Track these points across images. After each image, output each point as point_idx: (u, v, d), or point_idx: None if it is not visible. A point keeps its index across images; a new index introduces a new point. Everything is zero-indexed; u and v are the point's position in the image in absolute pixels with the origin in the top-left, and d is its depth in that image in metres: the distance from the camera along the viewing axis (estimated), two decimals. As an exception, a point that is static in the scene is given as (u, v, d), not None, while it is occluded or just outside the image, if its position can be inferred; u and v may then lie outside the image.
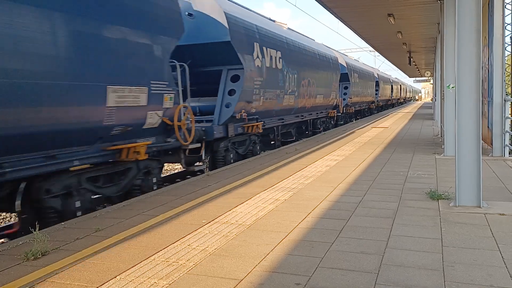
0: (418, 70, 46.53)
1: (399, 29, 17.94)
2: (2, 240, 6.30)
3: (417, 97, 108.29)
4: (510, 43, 10.17)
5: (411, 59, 28.95)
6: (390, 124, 21.02)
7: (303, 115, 16.79)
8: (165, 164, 11.47)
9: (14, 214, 6.60)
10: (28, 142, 5.35)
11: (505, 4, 9.15)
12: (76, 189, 6.21)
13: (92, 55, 5.93)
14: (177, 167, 13.99)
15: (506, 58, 9.48)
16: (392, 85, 49.59)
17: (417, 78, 60.07)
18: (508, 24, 9.69)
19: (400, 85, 61.03)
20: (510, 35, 10.13)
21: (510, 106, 9.38)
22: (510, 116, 9.23)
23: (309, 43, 17.67)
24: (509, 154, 9.21)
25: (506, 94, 9.38)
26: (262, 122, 12.38)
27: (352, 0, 12.69)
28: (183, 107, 8.36)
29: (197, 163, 9.57)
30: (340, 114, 22.94)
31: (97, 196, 6.72)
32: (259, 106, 12.02)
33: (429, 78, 43.64)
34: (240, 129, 11.24)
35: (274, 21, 15.46)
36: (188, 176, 10.17)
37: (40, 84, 5.18)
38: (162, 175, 8.73)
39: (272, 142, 14.54)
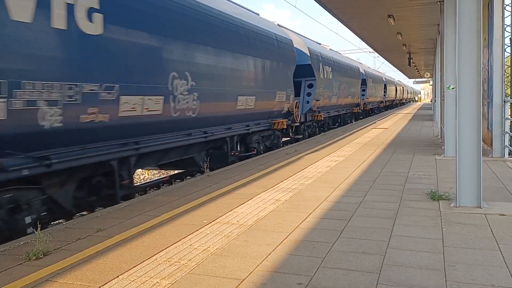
0: (418, 71, 46.58)
1: (399, 30, 17.96)
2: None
3: (416, 98, 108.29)
4: (509, 45, 10.20)
5: (411, 60, 28.98)
6: (389, 125, 21.03)
7: (339, 110, 24.04)
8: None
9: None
10: (253, 116, 12.04)
11: (505, 5, 9.18)
12: (259, 140, 12.61)
13: (273, 78, 12.96)
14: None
15: (505, 59, 9.50)
16: (396, 87, 55.39)
17: (417, 79, 60.15)
18: (508, 25, 9.72)
19: (403, 87, 67.87)
20: (510, 36, 10.16)
21: (509, 107, 9.40)
22: (509, 117, 9.25)
23: (344, 58, 25.92)
24: (509, 155, 9.22)
25: (506, 95, 9.40)
26: (323, 114, 19.50)
27: (352, 1, 12.71)
28: (296, 102, 15.22)
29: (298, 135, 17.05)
30: (360, 111, 30.01)
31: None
32: (321, 103, 18.73)
33: (429, 79, 43.68)
34: (310, 117, 18.08)
35: (320, 43, 22.80)
36: (188, 177, 10.29)
37: (271, 92, 12.94)
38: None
39: (321, 128, 21.38)
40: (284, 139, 16.22)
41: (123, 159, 7.12)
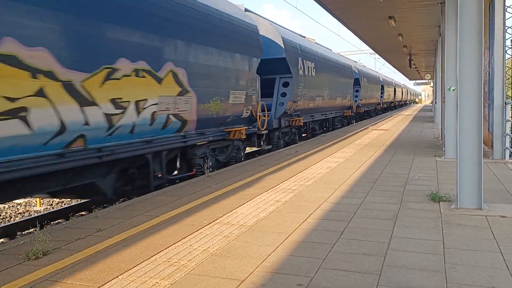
0: (418, 73, 46.57)
1: (399, 31, 17.97)
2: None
3: (417, 100, 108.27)
4: (510, 46, 10.19)
5: (412, 61, 28.98)
6: (390, 127, 21.02)
7: (368, 106, 34.80)
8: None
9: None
10: (337, 108, 22.96)
11: (506, 7, 9.17)
12: (338, 122, 24.28)
13: (346, 87, 23.87)
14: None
15: (506, 61, 9.49)
16: (402, 89, 64.50)
17: (417, 81, 60.16)
18: (509, 27, 9.73)
19: (407, 89, 78.54)
20: (511, 38, 10.15)
21: (510, 109, 9.39)
22: (510, 119, 9.24)
23: (371, 71, 37.41)
24: (510, 156, 9.21)
25: (507, 97, 9.39)
26: (363, 108, 30.53)
27: (353, 2, 12.71)
28: (353, 100, 27.26)
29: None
30: (379, 107, 40.72)
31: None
32: (362, 102, 29.65)
33: (429, 80, 43.69)
34: (356, 110, 27.91)
35: (356, 61, 32.60)
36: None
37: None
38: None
39: (360, 117, 31.63)
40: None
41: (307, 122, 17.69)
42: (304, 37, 19.05)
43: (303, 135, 18.39)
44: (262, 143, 12.77)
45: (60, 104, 5.73)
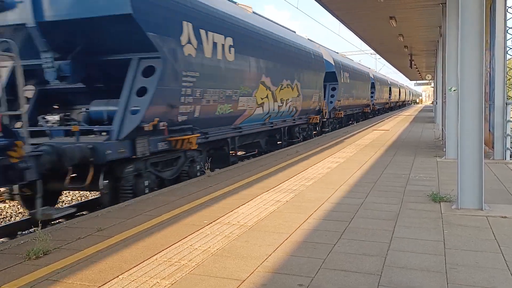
0: (419, 73, 46.53)
1: (400, 32, 17.95)
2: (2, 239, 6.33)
3: (417, 100, 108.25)
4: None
5: (412, 62, 28.95)
6: (390, 127, 21.01)
7: (379, 105, 39.46)
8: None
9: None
10: (359, 105, 29.88)
11: (507, 8, 9.16)
12: (359, 116, 31.48)
13: (365, 89, 31.09)
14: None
15: (507, 61, 9.49)
16: (405, 90, 71.15)
17: (418, 81, 60.14)
18: (510, 28, 9.70)
19: (409, 90, 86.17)
20: (512, 38, 10.13)
21: (511, 109, 9.38)
22: (511, 119, 9.23)
23: (382, 76, 44.65)
24: (510, 157, 9.20)
25: (507, 98, 9.38)
26: (377, 106, 37.82)
27: (354, 2, 12.70)
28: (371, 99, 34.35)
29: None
30: (388, 106, 47.82)
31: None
32: (376, 101, 36.40)
33: (430, 81, 43.66)
34: (372, 107, 35.87)
35: (369, 68, 36.85)
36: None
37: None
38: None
39: (375, 113, 37.90)
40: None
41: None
42: (337, 53, 26.13)
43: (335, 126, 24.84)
44: (317, 128, 19.68)
45: (270, 100, 12.55)
